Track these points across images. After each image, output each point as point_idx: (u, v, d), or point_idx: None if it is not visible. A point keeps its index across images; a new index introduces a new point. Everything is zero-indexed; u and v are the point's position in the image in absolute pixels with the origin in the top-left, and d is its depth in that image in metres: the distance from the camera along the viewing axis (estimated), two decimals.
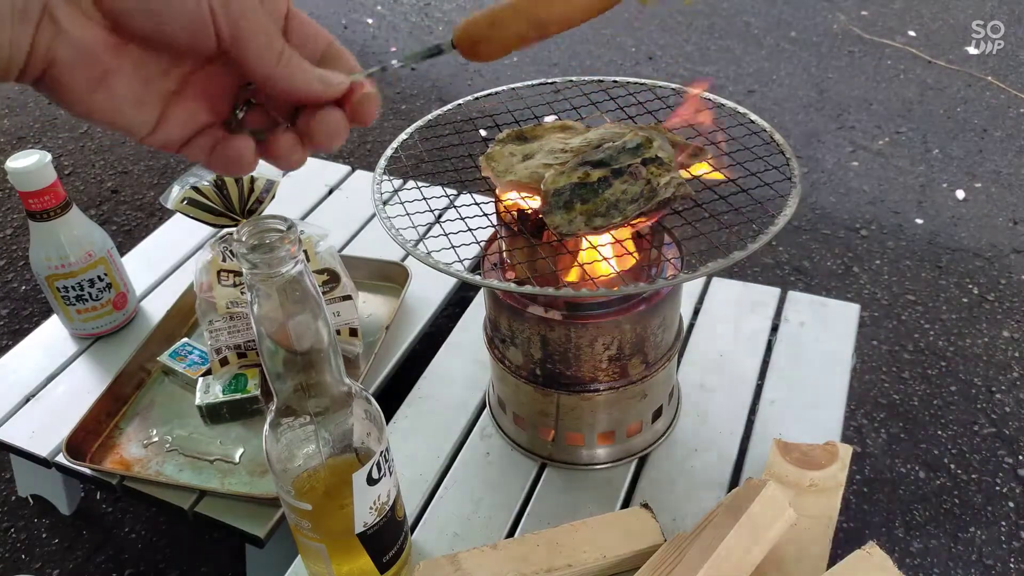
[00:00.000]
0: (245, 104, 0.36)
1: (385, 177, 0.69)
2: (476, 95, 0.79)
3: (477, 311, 0.97)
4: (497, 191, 0.66)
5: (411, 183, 0.76)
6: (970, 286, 1.41)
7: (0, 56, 0.30)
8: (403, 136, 0.74)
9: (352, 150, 1.88)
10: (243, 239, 0.46)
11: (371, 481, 0.56)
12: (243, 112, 0.36)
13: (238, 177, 0.88)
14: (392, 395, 0.88)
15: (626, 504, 0.74)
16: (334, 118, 0.36)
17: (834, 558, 0.62)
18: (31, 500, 1.08)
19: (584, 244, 0.65)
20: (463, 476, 0.77)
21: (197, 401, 0.86)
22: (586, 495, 0.74)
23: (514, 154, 0.67)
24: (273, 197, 0.90)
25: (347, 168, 1.31)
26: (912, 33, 2.26)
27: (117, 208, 1.72)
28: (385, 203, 0.66)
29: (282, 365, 0.50)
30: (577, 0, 0.38)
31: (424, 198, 0.71)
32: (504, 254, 0.69)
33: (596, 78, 0.78)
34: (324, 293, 0.89)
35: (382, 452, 0.57)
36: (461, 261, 0.60)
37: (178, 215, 0.91)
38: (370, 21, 2.52)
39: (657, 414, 0.77)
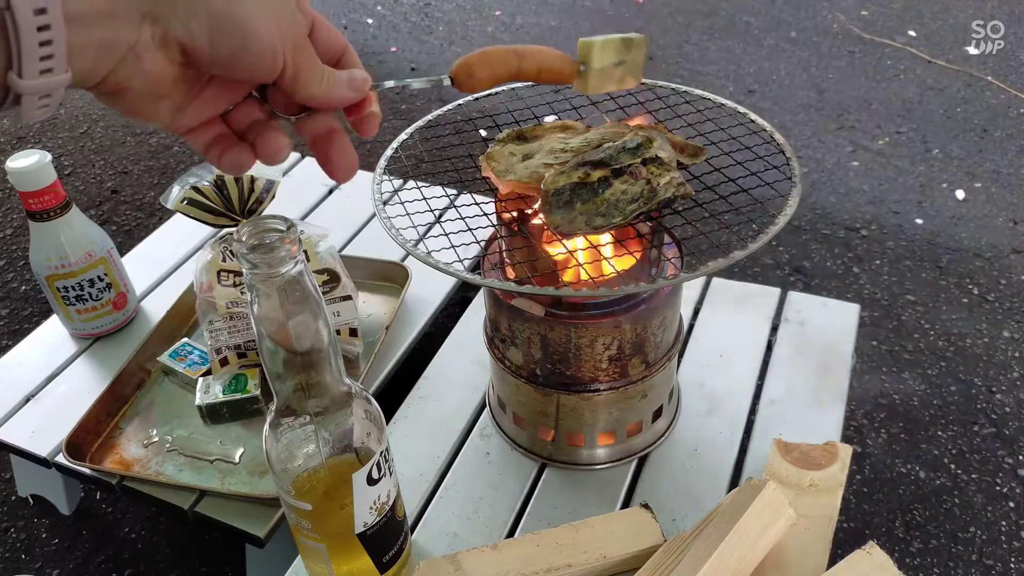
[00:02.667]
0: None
1: (385, 177, 0.69)
2: (476, 95, 0.79)
3: (477, 311, 0.97)
4: (498, 191, 0.66)
5: (411, 183, 0.76)
6: (970, 286, 1.41)
7: (76, 80, 0.32)
8: (403, 136, 0.74)
9: None
10: (243, 239, 0.46)
11: (371, 481, 0.56)
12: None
13: (238, 177, 0.88)
14: (392, 395, 0.88)
15: (626, 504, 0.74)
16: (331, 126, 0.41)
17: (834, 558, 0.62)
18: (31, 500, 1.08)
19: (584, 244, 0.65)
20: (463, 476, 0.77)
21: (197, 401, 0.86)
22: (586, 495, 0.74)
23: (514, 154, 0.67)
24: (273, 197, 0.90)
25: None
26: (912, 33, 2.26)
27: (117, 208, 1.72)
28: (385, 203, 0.66)
29: (282, 365, 0.50)
30: (547, 64, 0.50)
31: (424, 198, 0.71)
32: (504, 254, 0.69)
33: None
34: (324, 293, 0.89)
35: (382, 452, 0.57)
36: (461, 261, 0.60)
37: (178, 215, 0.91)
38: (370, 21, 2.52)
39: (657, 414, 0.77)
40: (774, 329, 0.93)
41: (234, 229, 0.81)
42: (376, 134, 0.42)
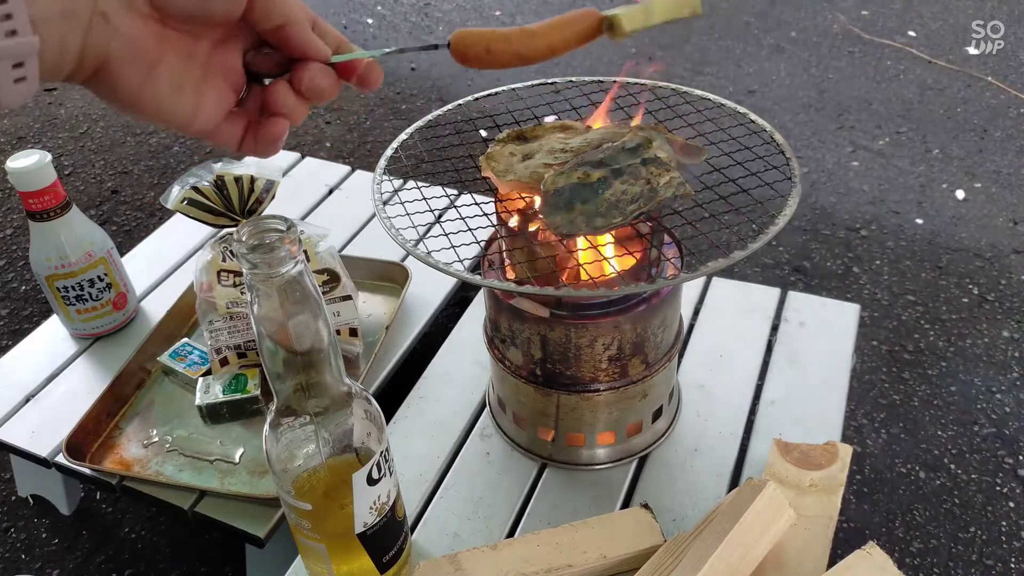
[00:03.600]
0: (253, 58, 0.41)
1: (385, 177, 0.69)
2: (476, 95, 0.79)
3: (477, 311, 0.97)
4: (498, 191, 0.66)
5: (411, 183, 0.76)
6: (970, 286, 1.41)
7: (50, 55, 0.31)
8: (403, 136, 0.74)
9: (352, 150, 1.88)
10: (243, 239, 0.46)
11: (371, 481, 0.56)
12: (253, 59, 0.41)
13: (238, 176, 0.88)
14: (392, 395, 0.88)
15: (626, 504, 0.74)
16: (325, 74, 0.40)
17: (834, 558, 0.62)
18: (31, 500, 1.08)
19: (584, 244, 0.65)
20: (463, 476, 0.77)
21: (197, 401, 0.86)
22: (586, 495, 0.74)
23: (514, 154, 0.67)
24: (273, 197, 0.90)
25: (347, 168, 1.31)
26: (912, 33, 2.25)
27: (117, 208, 1.72)
28: (385, 203, 0.66)
29: (282, 365, 0.50)
30: (557, 38, 0.45)
31: (424, 198, 0.71)
32: (504, 254, 0.69)
33: (596, 78, 0.78)
34: (324, 293, 0.89)
35: (382, 452, 0.57)
36: (461, 261, 0.60)
37: (178, 215, 0.91)
38: (370, 21, 2.52)
39: (657, 414, 0.77)
40: (774, 329, 0.93)
41: (234, 229, 0.81)
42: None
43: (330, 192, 1.25)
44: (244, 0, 0.36)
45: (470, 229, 0.65)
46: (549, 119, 0.73)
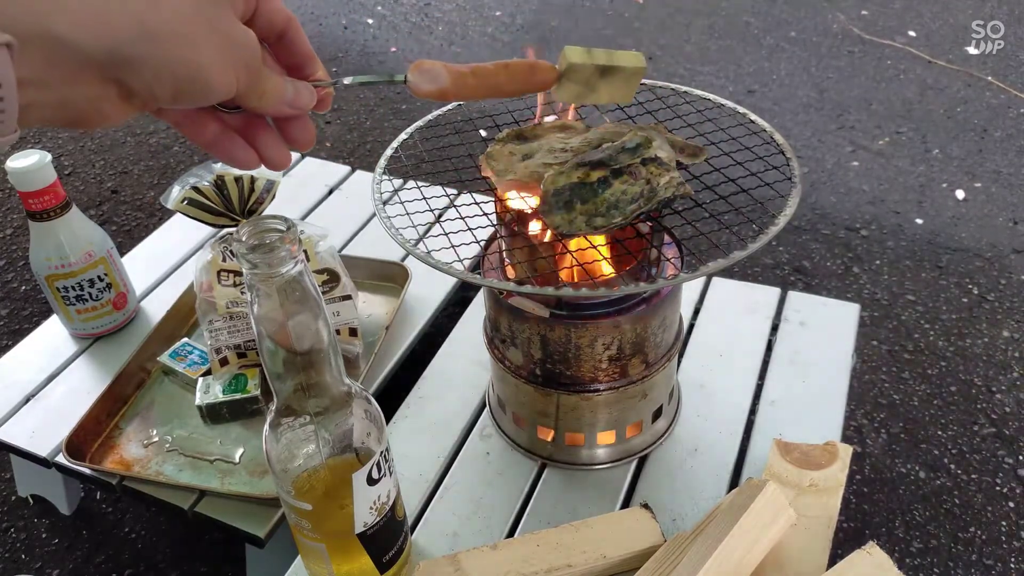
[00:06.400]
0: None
1: (385, 177, 0.69)
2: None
3: (477, 311, 0.97)
4: (497, 191, 0.66)
5: (411, 183, 0.76)
6: (970, 286, 1.41)
7: (30, 124, 0.32)
8: (403, 136, 0.74)
9: (352, 150, 1.88)
10: (243, 239, 0.46)
11: (371, 481, 0.56)
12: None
13: (238, 176, 0.88)
14: (392, 395, 0.88)
15: (626, 504, 0.74)
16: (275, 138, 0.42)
17: (834, 558, 0.62)
18: (31, 500, 1.08)
19: (584, 244, 0.65)
20: (463, 476, 0.77)
21: (197, 401, 0.86)
22: (586, 495, 0.74)
23: (514, 153, 0.67)
24: (273, 197, 0.91)
25: (347, 168, 1.31)
26: (912, 33, 2.26)
27: (117, 208, 1.72)
28: (385, 203, 0.66)
29: (282, 365, 0.50)
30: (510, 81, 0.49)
31: (424, 198, 0.71)
32: (504, 254, 0.69)
33: None
34: (324, 293, 0.89)
35: (382, 452, 0.57)
36: (461, 261, 0.60)
37: (178, 215, 0.91)
38: (370, 21, 2.52)
39: (657, 414, 0.77)
40: (774, 329, 0.93)
41: (234, 229, 0.81)
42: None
43: (330, 192, 1.25)
44: (233, 90, 0.37)
45: (470, 229, 0.65)
46: (549, 119, 0.73)
